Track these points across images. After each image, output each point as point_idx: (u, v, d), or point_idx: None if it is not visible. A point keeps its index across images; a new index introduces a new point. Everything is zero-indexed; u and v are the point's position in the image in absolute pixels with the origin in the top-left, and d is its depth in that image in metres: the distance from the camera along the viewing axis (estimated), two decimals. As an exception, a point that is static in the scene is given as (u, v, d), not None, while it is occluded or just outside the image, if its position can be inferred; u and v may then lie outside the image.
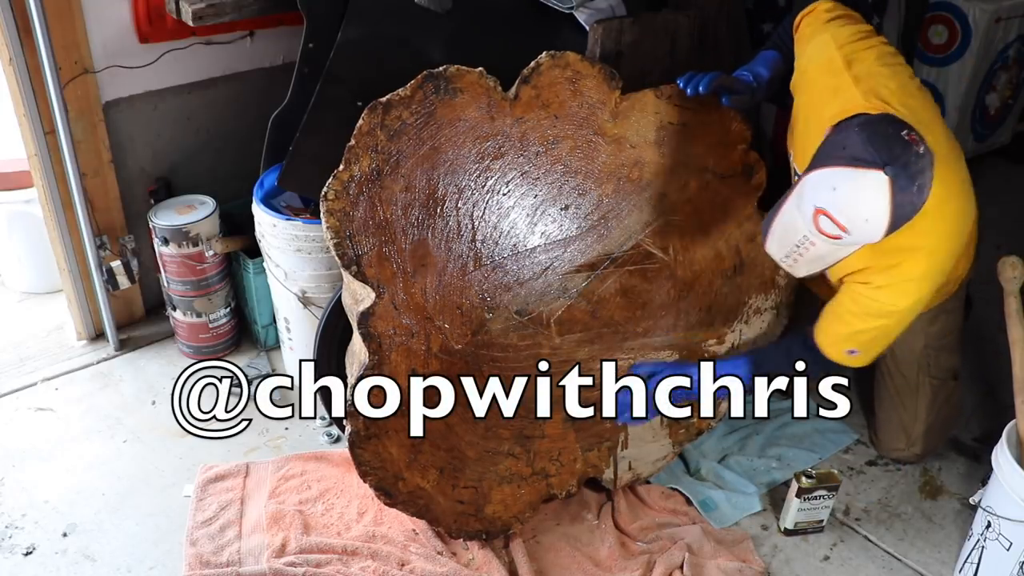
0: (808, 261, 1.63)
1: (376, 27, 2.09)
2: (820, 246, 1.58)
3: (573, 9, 2.18)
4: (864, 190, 1.48)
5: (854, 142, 1.51)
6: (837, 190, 1.50)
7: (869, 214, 1.50)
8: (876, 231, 1.52)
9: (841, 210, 1.51)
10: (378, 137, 1.76)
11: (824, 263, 1.65)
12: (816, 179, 1.54)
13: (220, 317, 2.56)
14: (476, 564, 1.96)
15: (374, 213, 1.78)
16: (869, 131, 1.51)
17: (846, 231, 1.52)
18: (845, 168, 1.50)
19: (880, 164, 1.47)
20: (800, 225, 1.58)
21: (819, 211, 1.53)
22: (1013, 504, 1.79)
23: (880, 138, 1.50)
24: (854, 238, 1.54)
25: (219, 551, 1.94)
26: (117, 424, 2.34)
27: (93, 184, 2.41)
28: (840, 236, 1.54)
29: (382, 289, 1.78)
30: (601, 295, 2.01)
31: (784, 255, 1.65)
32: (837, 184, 1.50)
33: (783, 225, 1.62)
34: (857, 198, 1.49)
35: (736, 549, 2.06)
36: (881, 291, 1.77)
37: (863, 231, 1.52)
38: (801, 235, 1.58)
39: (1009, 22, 3.38)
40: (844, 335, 1.86)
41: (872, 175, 1.47)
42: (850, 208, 1.50)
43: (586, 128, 1.91)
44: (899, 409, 2.28)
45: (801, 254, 1.62)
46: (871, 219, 1.50)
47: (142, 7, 2.31)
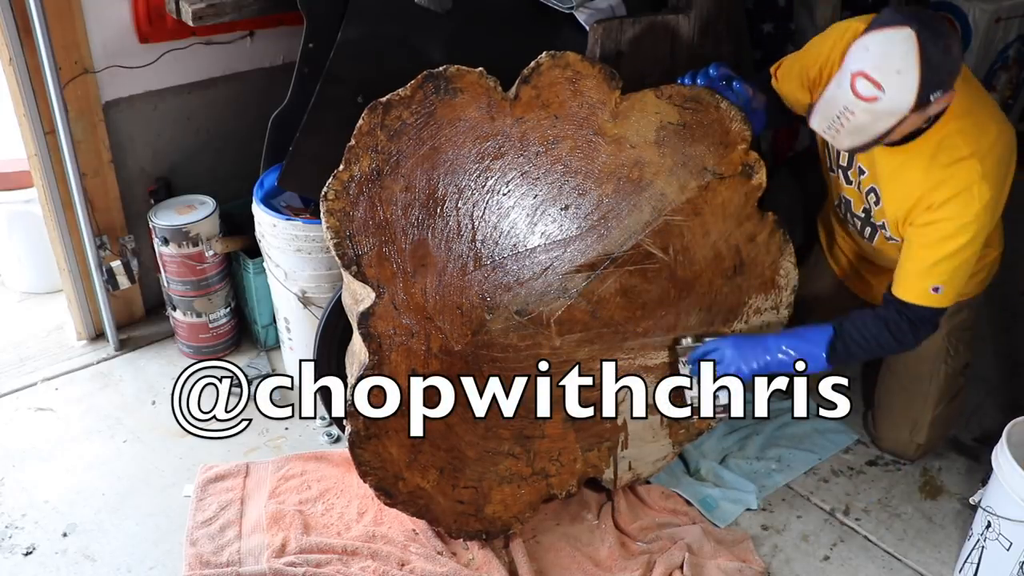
0: (849, 132, 1.72)
1: (376, 27, 2.09)
2: (859, 114, 1.68)
3: (573, 9, 2.18)
4: (893, 43, 1.63)
5: (884, 14, 1.69)
6: (869, 49, 1.65)
7: (900, 65, 1.62)
8: (909, 87, 1.63)
9: (875, 66, 1.64)
10: (378, 137, 1.76)
11: (865, 135, 1.72)
12: (851, 51, 1.69)
13: (220, 317, 2.56)
14: (476, 564, 1.96)
15: (374, 213, 1.78)
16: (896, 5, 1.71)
17: (881, 88, 1.64)
18: (875, 31, 1.66)
19: (907, 22, 1.63)
20: (839, 96, 1.69)
21: (855, 75, 1.66)
22: (1013, 504, 1.79)
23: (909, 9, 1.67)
24: (888, 96, 1.64)
25: (219, 551, 1.94)
26: (117, 424, 2.34)
27: (93, 184, 2.41)
28: (876, 97, 1.64)
29: (382, 289, 1.78)
30: (601, 295, 2.01)
31: (826, 126, 1.75)
32: (869, 45, 1.66)
33: (825, 101, 1.73)
34: (888, 51, 1.63)
35: (736, 549, 2.06)
36: (945, 207, 1.83)
37: (896, 86, 1.63)
38: (841, 105, 1.69)
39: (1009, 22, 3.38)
40: (924, 270, 1.89)
41: (901, 31, 1.62)
42: (882, 62, 1.63)
43: (586, 128, 1.91)
44: (907, 398, 2.29)
45: (842, 124, 1.71)
46: (903, 71, 1.62)
47: (142, 7, 2.31)
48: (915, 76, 1.62)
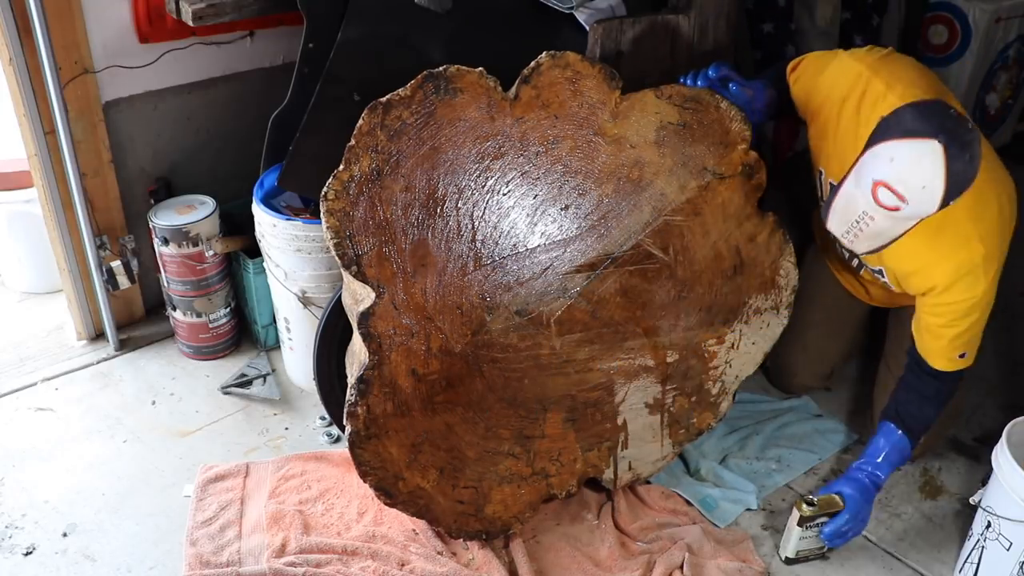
0: (868, 236, 1.71)
1: (376, 27, 2.09)
2: (879, 220, 1.66)
3: (573, 9, 2.18)
4: (921, 158, 1.57)
5: (908, 118, 1.62)
6: (895, 160, 1.60)
7: (926, 181, 1.58)
8: (933, 199, 1.60)
9: (900, 179, 1.59)
10: (378, 137, 1.76)
11: (883, 239, 1.71)
12: (874, 154, 1.64)
13: (220, 317, 2.56)
14: (476, 564, 1.96)
15: (374, 213, 1.78)
16: (922, 109, 1.62)
17: (904, 200, 1.60)
18: (901, 140, 1.60)
19: (933, 134, 1.57)
20: (860, 200, 1.66)
21: (877, 183, 1.61)
22: (1013, 504, 1.79)
23: (931, 112, 1.61)
24: (912, 208, 1.61)
25: (219, 551, 1.94)
26: (117, 424, 2.34)
27: (93, 184, 2.41)
28: (899, 207, 1.62)
29: (382, 289, 1.79)
30: (601, 295, 2.01)
31: (845, 231, 1.73)
32: (894, 155, 1.60)
33: (843, 202, 1.70)
34: (914, 166, 1.58)
35: (736, 549, 2.06)
36: (953, 290, 1.85)
37: (920, 199, 1.60)
38: (861, 210, 1.67)
39: (1009, 22, 3.38)
40: (946, 345, 1.95)
41: (927, 144, 1.57)
42: (908, 176, 1.59)
43: (586, 128, 1.91)
44: None
45: (861, 229, 1.69)
46: (928, 186, 1.58)
47: (142, 7, 2.31)
48: (940, 189, 1.59)
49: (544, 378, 2.01)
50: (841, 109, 1.94)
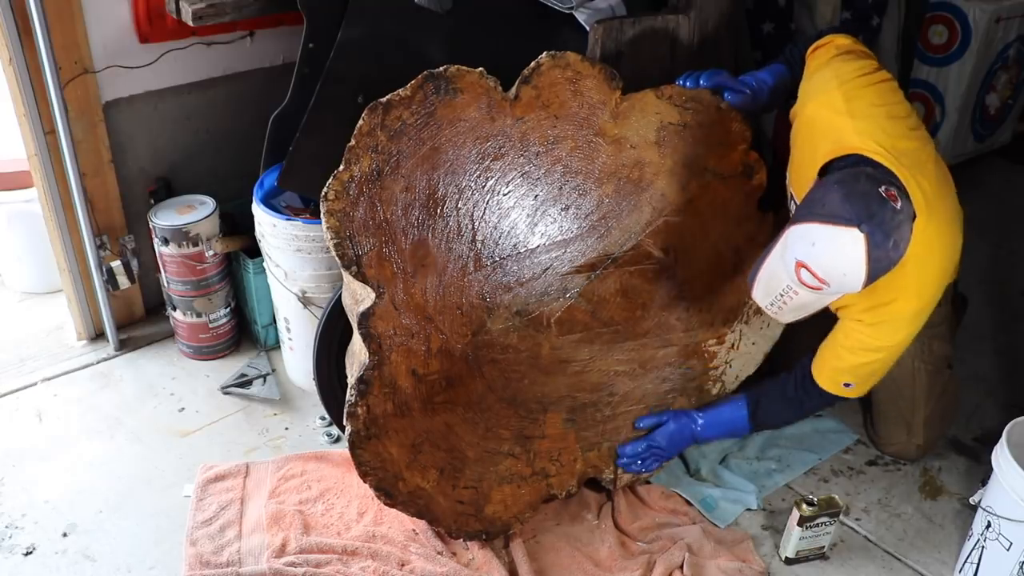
0: (792, 309, 1.70)
1: (376, 27, 2.09)
2: (803, 295, 1.64)
3: (573, 9, 2.18)
4: (841, 246, 1.54)
5: (832, 199, 1.57)
6: (816, 245, 1.56)
7: (847, 269, 1.55)
8: (854, 284, 1.58)
9: (820, 264, 1.57)
10: (378, 137, 1.76)
11: (807, 311, 1.71)
12: (797, 233, 1.61)
13: (220, 317, 2.56)
14: (476, 564, 1.96)
15: (374, 213, 1.78)
16: (847, 189, 1.57)
17: (825, 284, 1.59)
18: (823, 225, 1.56)
19: (856, 222, 1.53)
20: (783, 276, 1.64)
21: (800, 264, 1.59)
22: (1013, 504, 1.79)
23: (857, 196, 1.55)
24: (833, 289, 1.61)
25: (219, 551, 1.94)
26: (117, 424, 2.34)
27: (93, 184, 2.41)
28: (820, 288, 1.60)
29: (382, 289, 1.79)
30: (601, 295, 2.01)
31: (769, 303, 1.72)
32: (816, 240, 1.56)
33: (768, 274, 1.69)
34: (835, 254, 1.55)
35: (736, 549, 2.06)
36: (874, 328, 1.83)
37: (842, 284, 1.59)
38: (784, 284, 1.65)
39: (1009, 22, 3.38)
40: (841, 369, 1.92)
41: (849, 232, 1.53)
42: (828, 263, 1.56)
43: (586, 128, 1.91)
44: (897, 400, 2.29)
45: (785, 303, 1.68)
46: (848, 273, 1.56)
47: (142, 7, 2.31)
48: (862, 275, 1.56)
49: (544, 378, 2.01)
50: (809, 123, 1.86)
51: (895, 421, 2.31)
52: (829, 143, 1.76)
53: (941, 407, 2.31)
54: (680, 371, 2.13)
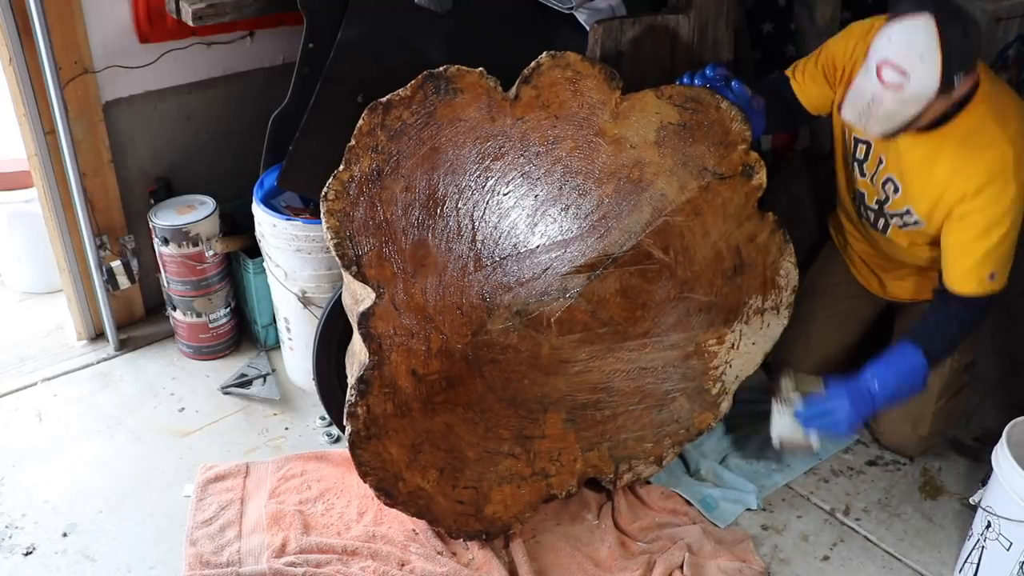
0: (879, 119, 1.80)
1: (376, 27, 2.09)
2: (887, 102, 1.76)
3: (573, 9, 2.18)
4: (914, 31, 1.70)
5: (903, 5, 1.74)
6: (892, 39, 1.73)
7: (923, 52, 1.69)
8: (932, 73, 1.70)
9: (898, 53, 1.71)
10: (378, 137, 1.76)
11: (893, 121, 1.80)
12: (875, 43, 1.76)
13: (220, 317, 2.56)
14: (476, 564, 1.96)
15: (374, 213, 1.78)
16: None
17: (905, 75, 1.71)
18: (895, 21, 1.73)
19: (924, 8, 1.69)
20: (867, 86, 1.78)
21: (880, 64, 1.73)
22: (1013, 504, 1.79)
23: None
24: (914, 82, 1.71)
25: (219, 551, 1.94)
26: (117, 424, 2.34)
27: (93, 184, 2.41)
28: (902, 84, 1.72)
29: (382, 289, 1.78)
30: (601, 295, 2.01)
31: (857, 115, 1.82)
32: (891, 35, 1.73)
33: (855, 91, 1.82)
34: (910, 39, 1.70)
35: (736, 549, 2.06)
36: (983, 196, 1.87)
37: (921, 73, 1.70)
38: (870, 95, 1.77)
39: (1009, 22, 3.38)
40: (977, 262, 1.93)
41: (919, 18, 1.69)
42: (905, 49, 1.71)
43: (586, 128, 1.91)
44: None
45: (872, 112, 1.79)
46: (925, 54, 1.69)
47: (142, 7, 2.31)
48: (937, 60, 1.68)
49: (544, 378, 2.01)
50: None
51: (901, 412, 2.31)
52: None
53: (951, 406, 2.32)
54: (680, 371, 2.13)
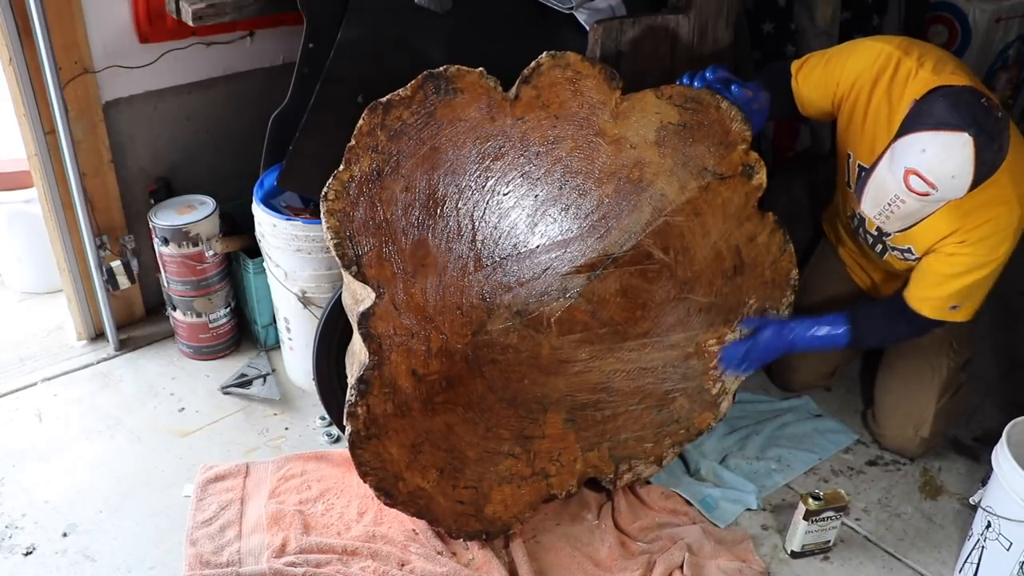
0: (899, 218, 1.80)
1: (376, 27, 2.09)
2: (910, 203, 1.74)
3: (573, 9, 2.18)
4: (951, 150, 1.65)
5: (940, 109, 1.69)
6: (926, 152, 1.68)
7: (956, 171, 1.66)
8: (962, 187, 1.69)
9: (930, 169, 1.68)
10: (378, 137, 1.76)
11: (913, 219, 1.81)
12: (906, 143, 1.71)
13: (220, 317, 2.56)
14: (476, 564, 1.96)
15: (374, 213, 1.78)
16: (953, 99, 1.69)
17: (934, 188, 1.69)
18: (933, 132, 1.67)
19: (965, 127, 1.65)
20: (891, 185, 1.74)
21: (909, 171, 1.70)
22: (1013, 504, 1.80)
23: (964, 105, 1.68)
24: (941, 194, 1.70)
25: (219, 551, 1.94)
26: (117, 424, 2.34)
27: (93, 184, 2.41)
28: (929, 193, 1.70)
29: (382, 289, 1.79)
30: (601, 295, 2.01)
31: (877, 212, 1.81)
32: (926, 147, 1.68)
33: (876, 186, 1.79)
34: (945, 158, 1.66)
35: (736, 549, 2.06)
36: (978, 245, 1.90)
37: (950, 187, 1.69)
38: (892, 194, 1.75)
39: (1009, 22, 3.38)
40: (946, 295, 1.97)
41: (959, 137, 1.65)
42: (938, 167, 1.67)
43: (587, 128, 1.91)
44: (910, 393, 2.31)
45: (893, 211, 1.78)
46: (957, 176, 1.67)
47: (142, 7, 2.31)
48: (969, 178, 1.67)
49: (544, 378, 2.01)
50: (872, 91, 1.96)
51: (902, 413, 2.32)
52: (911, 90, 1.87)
53: (951, 405, 2.32)
54: (680, 371, 2.13)
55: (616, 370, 2.07)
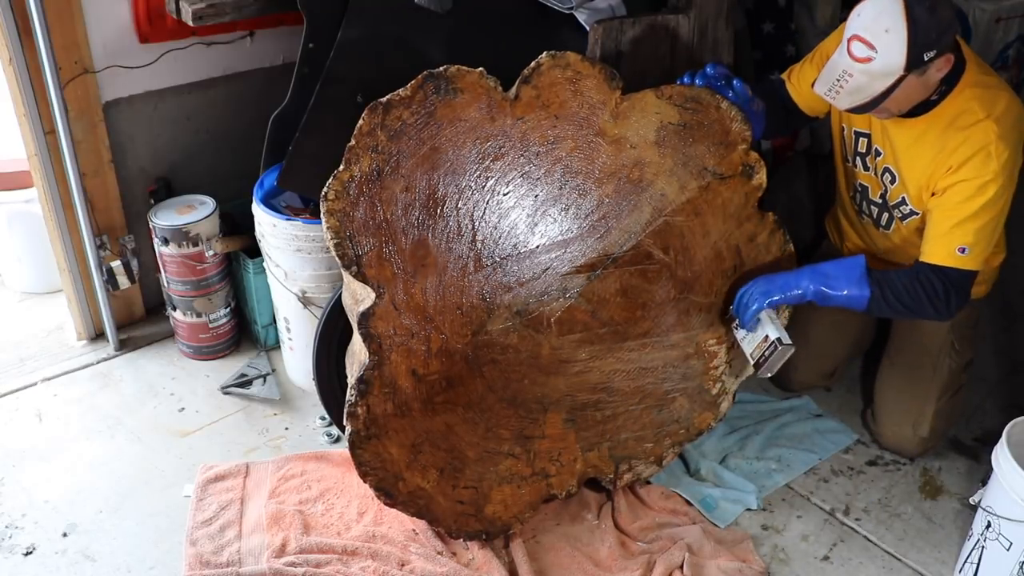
0: (848, 92, 1.83)
1: (376, 27, 2.09)
2: (856, 75, 1.80)
3: (573, 9, 2.18)
4: (882, 5, 1.76)
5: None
6: (861, 14, 1.79)
7: (888, 24, 1.74)
8: (898, 44, 1.74)
9: (865, 27, 1.77)
10: (378, 137, 1.76)
11: (863, 94, 1.83)
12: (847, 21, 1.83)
13: (220, 317, 2.56)
14: (476, 564, 1.96)
15: (374, 213, 1.78)
16: None
17: (873, 48, 1.76)
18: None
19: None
20: (839, 61, 1.83)
21: (850, 40, 1.79)
22: (1013, 504, 1.79)
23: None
24: (881, 56, 1.76)
25: (219, 551, 1.94)
26: (117, 424, 2.34)
27: (93, 184, 2.41)
28: (870, 57, 1.77)
29: (382, 289, 1.79)
30: (601, 295, 2.01)
31: (827, 88, 1.86)
32: (861, 10, 1.80)
33: (828, 67, 1.86)
34: (876, 14, 1.76)
35: (736, 549, 2.06)
36: (967, 167, 1.89)
37: (887, 45, 1.75)
38: (840, 69, 1.82)
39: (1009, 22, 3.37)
40: (948, 231, 1.93)
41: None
42: (872, 23, 1.76)
43: (587, 128, 1.91)
44: (910, 392, 2.31)
45: (842, 85, 1.83)
46: (891, 28, 1.74)
47: (142, 7, 2.31)
48: (903, 34, 1.73)
49: (544, 378, 2.01)
50: None
51: (902, 412, 2.32)
52: None
53: (951, 405, 2.33)
54: (680, 371, 2.13)
55: (616, 370, 2.07)
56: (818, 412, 2.53)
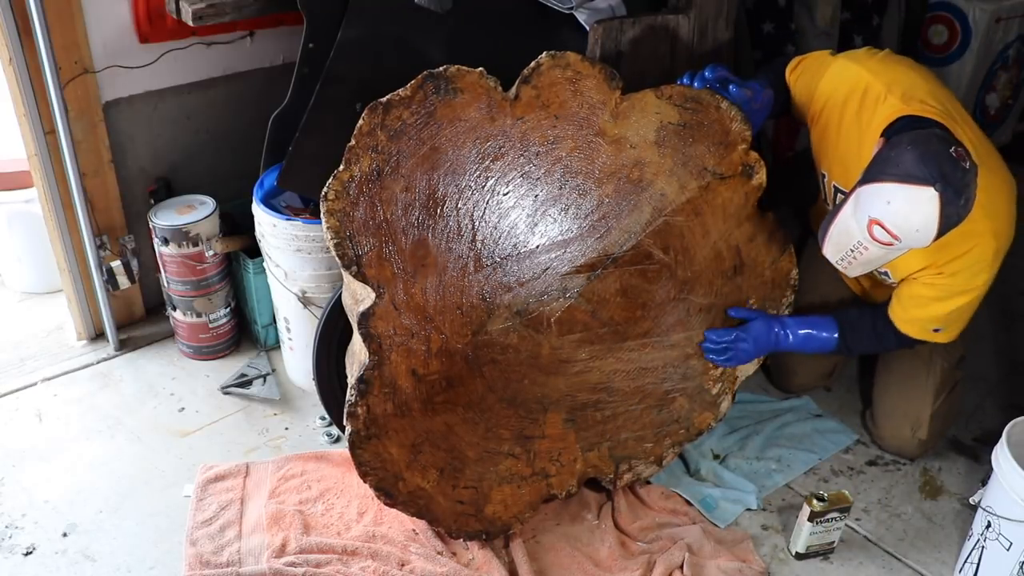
0: (861, 263, 1.79)
1: (376, 27, 2.09)
2: (873, 251, 1.74)
3: (573, 9, 2.18)
4: (916, 204, 1.63)
5: (907, 160, 1.65)
6: (891, 204, 1.65)
7: (920, 225, 1.65)
8: (925, 240, 1.68)
9: (894, 222, 1.66)
10: (378, 137, 1.76)
11: (875, 265, 1.81)
12: (871, 192, 1.69)
13: (220, 317, 2.56)
14: (476, 564, 1.96)
15: (374, 213, 1.78)
16: (921, 149, 1.65)
17: (898, 239, 1.68)
18: (899, 184, 1.65)
19: (931, 181, 1.62)
20: (855, 232, 1.73)
21: (873, 221, 1.68)
22: (1013, 504, 1.80)
23: (931, 156, 1.64)
24: (904, 245, 1.70)
25: (219, 551, 1.94)
26: (117, 424, 2.34)
27: (93, 184, 2.41)
28: (892, 243, 1.70)
29: (382, 289, 1.79)
30: (601, 295, 2.01)
31: (839, 258, 1.81)
32: (891, 198, 1.65)
33: (839, 231, 1.78)
34: (909, 211, 1.64)
35: (736, 549, 2.06)
36: (957, 276, 1.90)
37: (913, 239, 1.68)
38: (855, 240, 1.74)
39: (1009, 22, 3.38)
40: (928, 318, 1.98)
41: (924, 191, 1.62)
42: (902, 220, 1.65)
43: (586, 128, 1.91)
44: (905, 395, 2.31)
45: (855, 257, 1.78)
46: (921, 229, 1.65)
47: (142, 7, 2.31)
48: (934, 231, 1.66)
49: (544, 378, 2.01)
50: (843, 112, 1.96)
51: (900, 416, 2.32)
52: (879, 117, 1.85)
53: (948, 405, 2.33)
54: (680, 371, 2.13)
55: (616, 370, 2.07)
56: (818, 412, 2.53)
